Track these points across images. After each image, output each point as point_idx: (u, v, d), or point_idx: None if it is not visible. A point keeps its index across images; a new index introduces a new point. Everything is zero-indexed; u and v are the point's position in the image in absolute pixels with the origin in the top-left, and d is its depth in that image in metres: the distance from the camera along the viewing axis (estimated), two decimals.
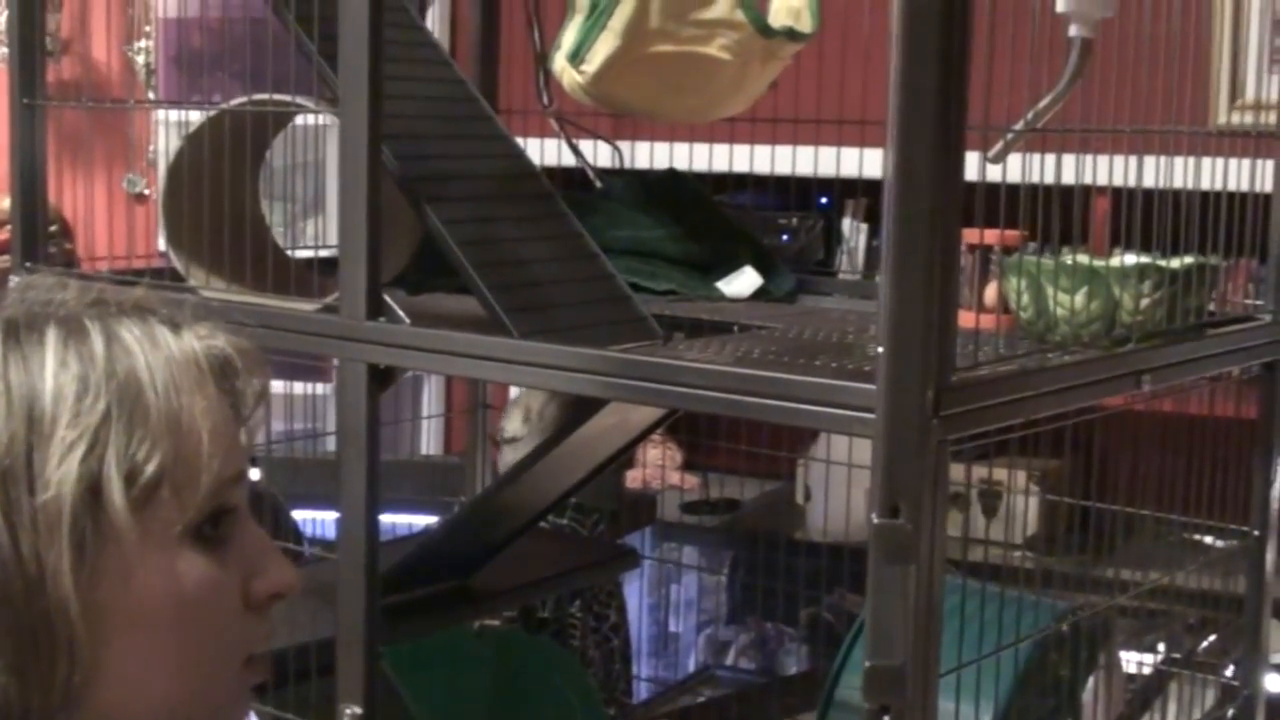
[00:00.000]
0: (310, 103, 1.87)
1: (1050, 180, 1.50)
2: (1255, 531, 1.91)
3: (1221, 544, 2.03)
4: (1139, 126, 1.65)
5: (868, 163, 2.12)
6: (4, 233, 2.40)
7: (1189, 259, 1.69)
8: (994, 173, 1.48)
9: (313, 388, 2.90)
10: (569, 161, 2.33)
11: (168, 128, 3.54)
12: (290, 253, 2.13)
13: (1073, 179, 1.57)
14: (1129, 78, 1.65)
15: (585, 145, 2.26)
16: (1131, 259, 1.65)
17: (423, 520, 2.86)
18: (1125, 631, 2.19)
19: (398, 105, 1.80)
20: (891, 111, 1.29)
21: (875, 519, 1.30)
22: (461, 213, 1.80)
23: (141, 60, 3.90)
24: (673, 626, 3.54)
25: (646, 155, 2.41)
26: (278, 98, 1.87)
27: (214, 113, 1.94)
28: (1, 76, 2.33)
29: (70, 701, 0.88)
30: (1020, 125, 1.52)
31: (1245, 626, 1.95)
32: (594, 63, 1.88)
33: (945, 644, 1.37)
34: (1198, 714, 2.04)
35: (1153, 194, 1.68)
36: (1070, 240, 1.67)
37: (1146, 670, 2.19)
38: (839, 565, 2.76)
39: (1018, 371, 1.47)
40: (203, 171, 1.91)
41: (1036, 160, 1.50)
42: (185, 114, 2.03)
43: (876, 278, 1.40)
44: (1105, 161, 1.63)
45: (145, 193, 3.90)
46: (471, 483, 2.53)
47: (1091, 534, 2.05)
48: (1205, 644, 2.36)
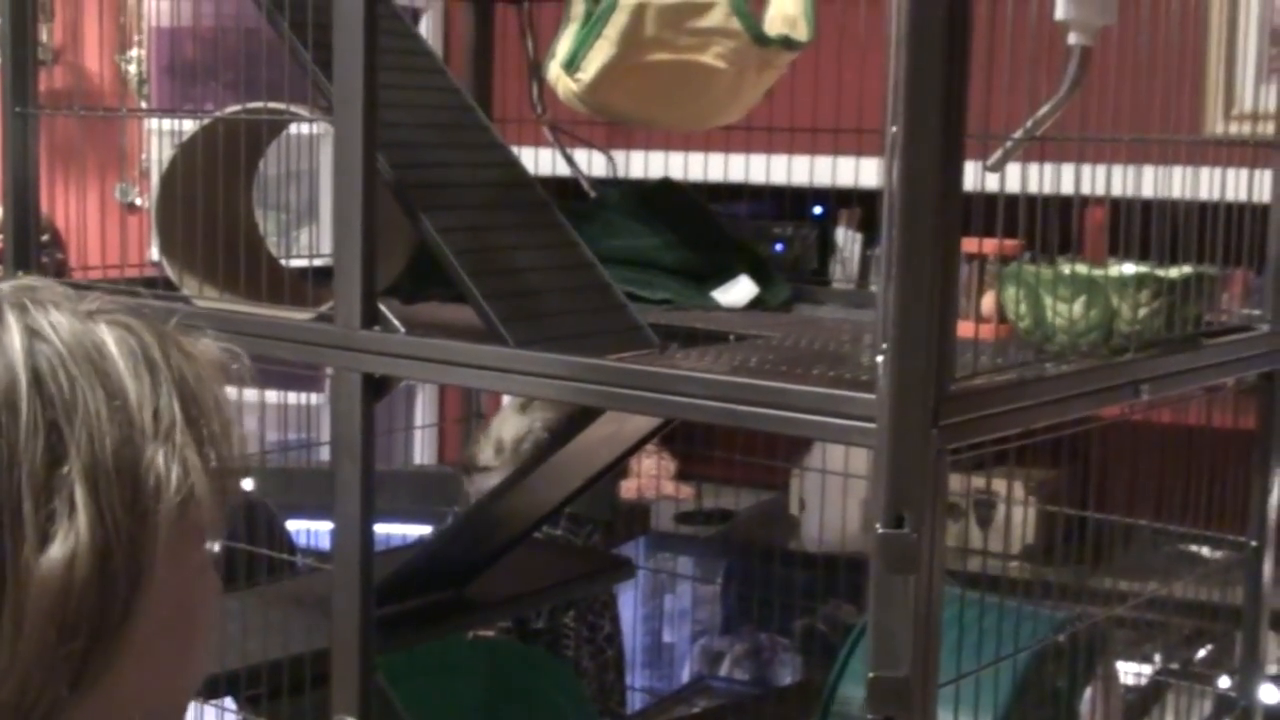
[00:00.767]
0: (305, 111, 1.86)
1: (1048, 190, 1.50)
2: (1253, 542, 1.91)
3: (1220, 555, 2.03)
4: (1137, 136, 1.65)
5: (863, 172, 2.12)
6: None
7: (1187, 269, 1.69)
8: (992, 182, 1.47)
9: (307, 397, 2.89)
10: (564, 171, 2.32)
11: (160, 137, 3.53)
12: (284, 262, 2.12)
13: (1070, 188, 1.56)
14: (1126, 88, 1.64)
15: (580, 154, 2.26)
16: (1129, 268, 1.65)
17: (416, 530, 2.85)
18: (1122, 642, 2.19)
19: (393, 114, 1.80)
20: (895, 120, 1.29)
21: (879, 529, 1.30)
22: (457, 221, 1.79)
23: (133, 70, 3.89)
24: (667, 637, 3.54)
25: (641, 164, 2.40)
26: (271, 106, 1.86)
27: (207, 121, 1.94)
28: None
29: (80, 684, 0.87)
30: (1020, 133, 1.52)
31: (1242, 637, 1.95)
32: (589, 71, 1.88)
33: (943, 655, 1.37)
34: None
35: (1150, 204, 1.68)
36: (1068, 250, 1.66)
37: (1143, 681, 2.19)
38: (833, 576, 2.76)
39: (1016, 381, 1.46)
40: (196, 180, 1.91)
41: (1034, 170, 1.50)
42: (178, 123, 2.02)
43: (871, 287, 1.40)
44: (1103, 171, 1.63)
45: (137, 202, 3.88)
46: (465, 493, 2.53)
47: (1089, 544, 2.04)
48: (1202, 654, 2.36)
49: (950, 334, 1.33)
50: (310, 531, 2.68)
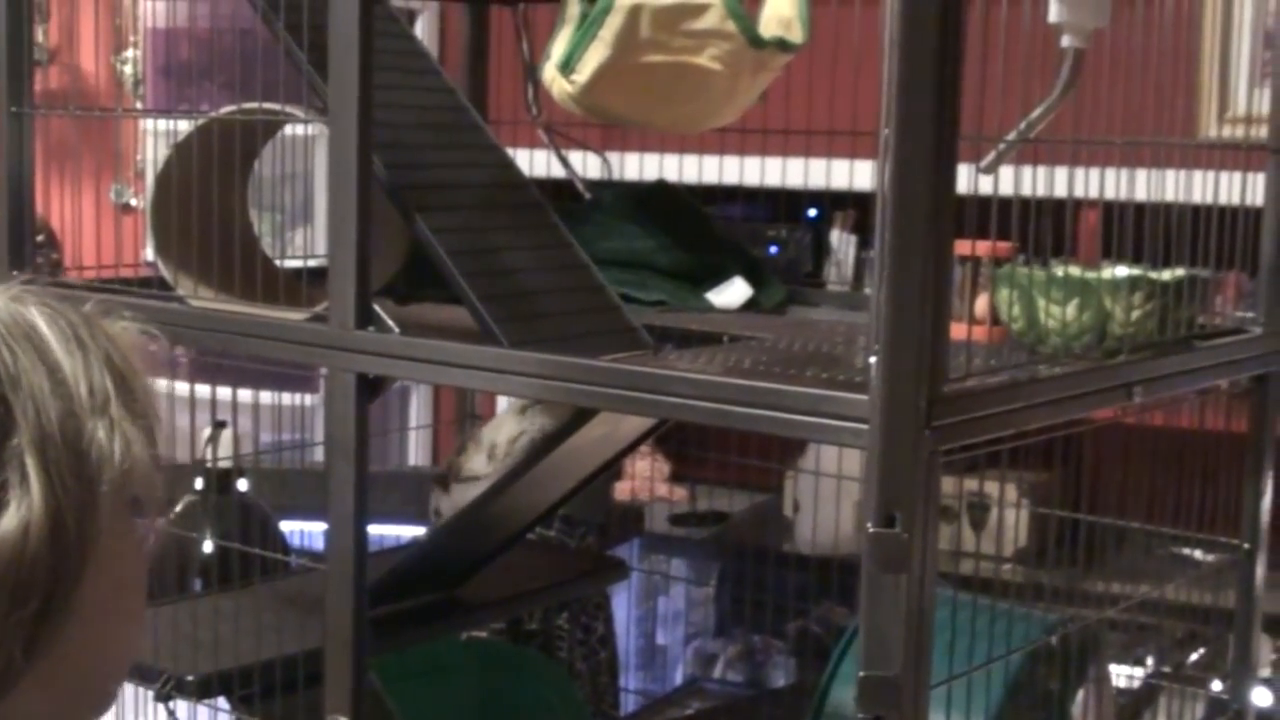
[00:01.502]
0: (299, 112, 1.87)
1: (1042, 192, 1.50)
2: (1245, 545, 1.91)
3: (1212, 557, 2.03)
4: (1131, 139, 1.66)
5: (857, 175, 2.13)
6: None
7: (1180, 271, 1.69)
8: (985, 184, 1.48)
9: (301, 398, 2.89)
10: (558, 173, 2.33)
11: (155, 137, 3.53)
12: (279, 262, 2.12)
13: (1064, 191, 1.57)
14: (1120, 90, 1.65)
15: (575, 156, 2.26)
16: (1123, 271, 1.65)
17: (410, 531, 2.85)
18: (1115, 644, 2.19)
19: (388, 114, 1.80)
20: (889, 123, 1.29)
21: (870, 528, 1.30)
22: (451, 222, 1.80)
23: (129, 70, 3.89)
24: (660, 639, 3.54)
25: (636, 166, 2.41)
26: (266, 106, 1.86)
27: (202, 121, 1.94)
28: None
29: (33, 650, 0.89)
30: (1013, 136, 1.52)
31: (1234, 640, 1.95)
32: (584, 73, 1.88)
33: (935, 656, 1.37)
34: None
35: (1144, 206, 1.68)
36: (1061, 252, 1.67)
37: (1136, 683, 2.19)
38: (827, 578, 2.76)
39: (1009, 383, 1.47)
40: (191, 181, 1.91)
41: (1028, 172, 1.50)
42: (173, 123, 2.02)
43: (865, 289, 1.40)
44: (1096, 174, 1.63)
45: (132, 203, 3.88)
46: (433, 508, 2.51)
47: (1081, 547, 2.04)
48: (1194, 657, 2.36)
49: (943, 336, 1.33)
50: (304, 532, 2.67)
